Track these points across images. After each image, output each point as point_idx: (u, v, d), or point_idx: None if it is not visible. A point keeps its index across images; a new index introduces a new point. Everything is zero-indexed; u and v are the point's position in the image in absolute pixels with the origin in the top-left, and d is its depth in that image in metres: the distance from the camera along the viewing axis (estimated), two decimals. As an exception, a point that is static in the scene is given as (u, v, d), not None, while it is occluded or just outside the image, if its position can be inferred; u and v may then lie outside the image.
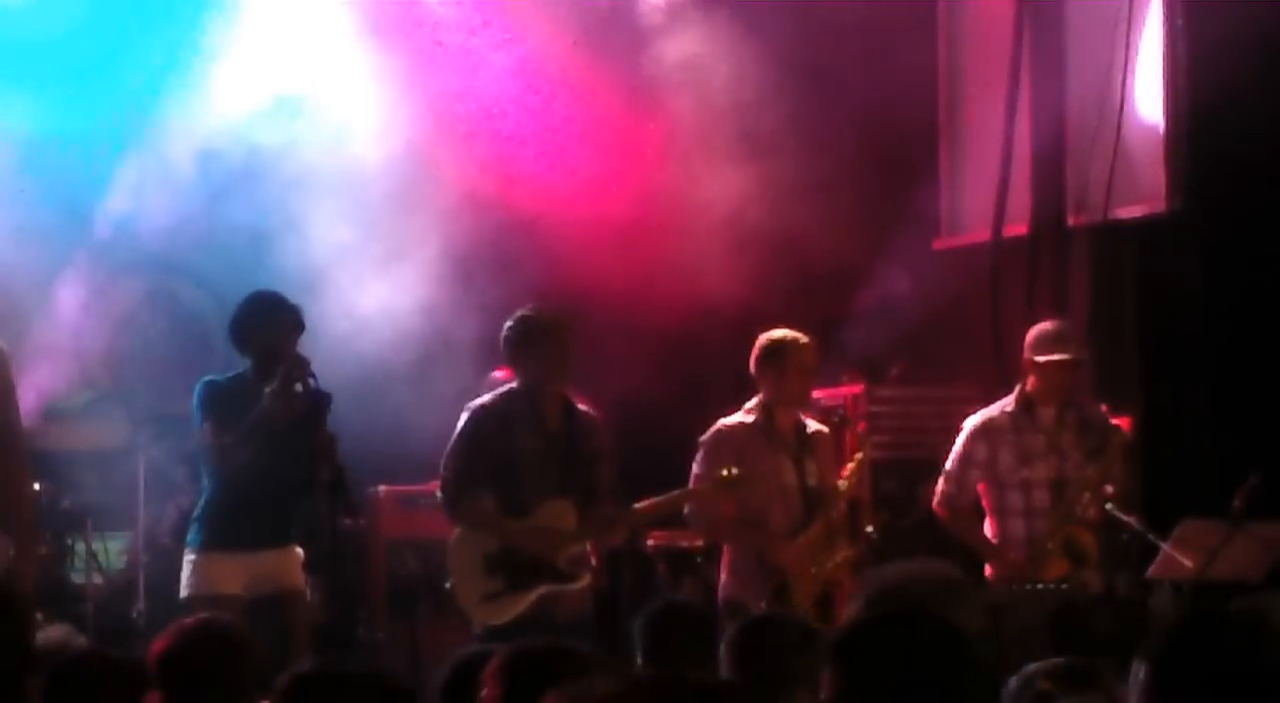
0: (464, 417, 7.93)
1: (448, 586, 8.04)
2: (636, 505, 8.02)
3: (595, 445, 7.99)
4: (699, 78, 10.28)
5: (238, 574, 7.63)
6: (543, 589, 7.80)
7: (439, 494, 8.01)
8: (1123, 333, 9.58)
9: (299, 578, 7.71)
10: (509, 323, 7.94)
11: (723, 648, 4.84)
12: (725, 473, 8.03)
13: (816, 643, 4.85)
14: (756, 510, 8.19)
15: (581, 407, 8.03)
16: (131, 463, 9.77)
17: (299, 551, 7.74)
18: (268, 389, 7.63)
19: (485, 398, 7.97)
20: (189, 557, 7.74)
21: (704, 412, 8.57)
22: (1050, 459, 8.12)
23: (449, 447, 7.90)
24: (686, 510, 8.36)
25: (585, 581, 7.94)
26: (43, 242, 10.61)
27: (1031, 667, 4.30)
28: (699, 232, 10.20)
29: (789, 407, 8.25)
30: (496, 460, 7.85)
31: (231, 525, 7.68)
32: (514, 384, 7.97)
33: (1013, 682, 4.27)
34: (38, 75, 10.18)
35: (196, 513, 7.82)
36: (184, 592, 7.70)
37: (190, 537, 7.79)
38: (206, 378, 8.00)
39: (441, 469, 7.94)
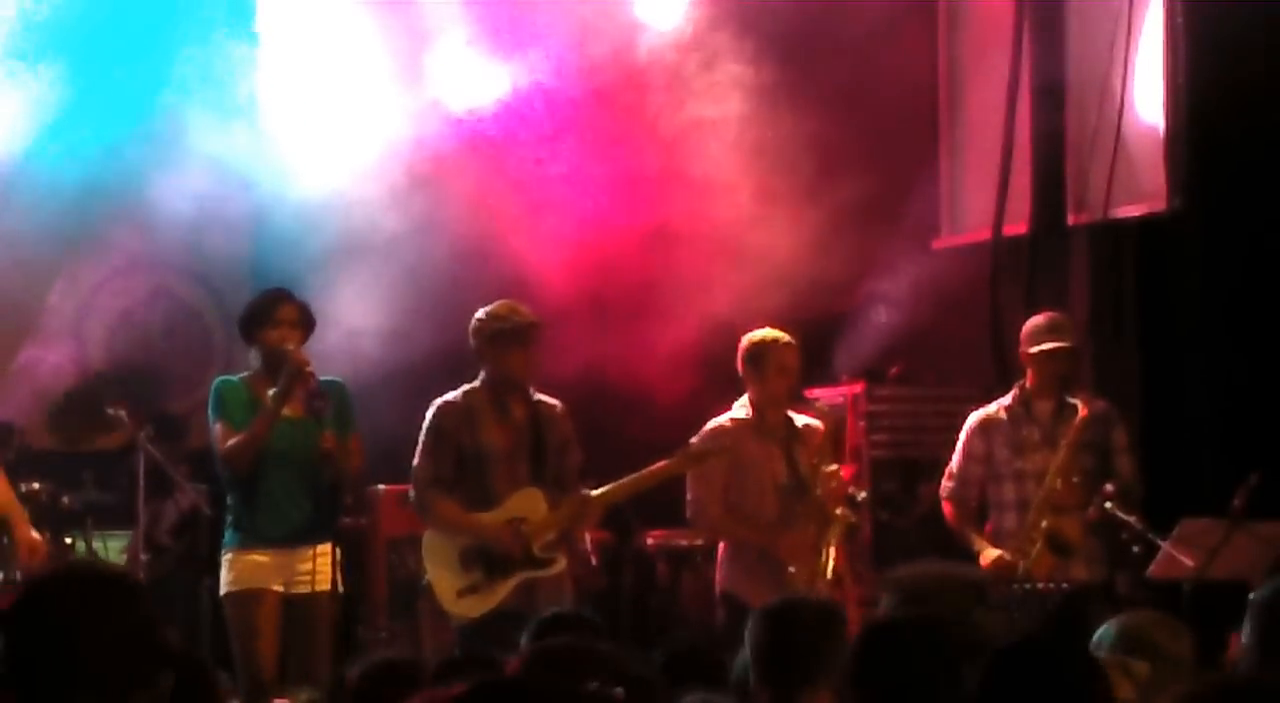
0: (428, 414, 7.97)
1: (424, 581, 8.06)
2: (599, 490, 8.03)
3: (562, 433, 8.02)
4: (699, 78, 10.29)
5: (274, 571, 7.65)
6: (521, 577, 7.82)
7: (410, 494, 8.04)
8: (1123, 333, 9.57)
9: (329, 577, 7.70)
10: (480, 316, 7.96)
11: (749, 628, 4.86)
12: (685, 450, 8.07)
13: (840, 625, 4.87)
14: (751, 504, 8.22)
15: (542, 396, 8.06)
16: (131, 463, 9.76)
17: (333, 547, 7.70)
18: (270, 391, 7.64)
19: (448, 395, 8.00)
20: (225, 557, 7.77)
21: (702, 414, 8.58)
22: (1044, 452, 8.14)
23: (417, 446, 7.93)
24: (689, 512, 8.39)
25: (561, 566, 7.96)
26: (44, 240, 10.63)
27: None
28: (698, 232, 10.21)
29: (773, 405, 8.27)
30: (463, 455, 7.88)
31: (265, 525, 7.70)
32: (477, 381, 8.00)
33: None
34: (38, 71, 10.19)
35: (229, 518, 7.85)
36: (223, 590, 7.76)
37: (226, 540, 7.82)
38: (220, 378, 8.02)
39: (412, 469, 7.96)
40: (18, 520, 8.02)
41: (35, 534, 8.03)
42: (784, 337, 8.27)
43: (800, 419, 8.39)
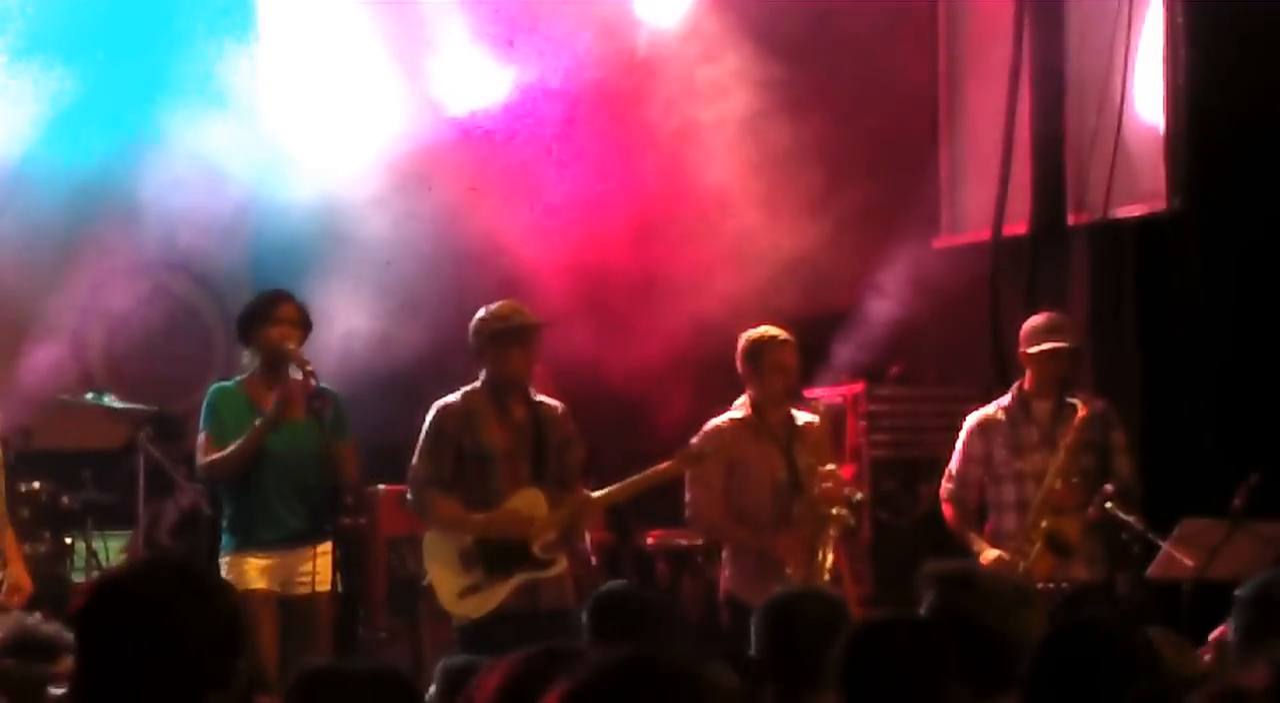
0: (428, 416, 7.97)
1: (425, 582, 8.07)
2: (599, 492, 8.04)
3: (563, 433, 8.02)
4: (700, 78, 10.29)
5: (273, 573, 7.65)
6: (521, 577, 7.82)
7: (408, 496, 8.04)
8: (1123, 333, 9.57)
9: (328, 578, 7.70)
10: (481, 315, 7.95)
11: (753, 626, 4.85)
12: (685, 451, 8.07)
13: (845, 622, 4.87)
14: (748, 504, 8.21)
15: (543, 397, 8.06)
16: (131, 463, 9.77)
17: (330, 547, 7.70)
18: (258, 421, 7.65)
19: (448, 397, 8.00)
20: (223, 561, 7.78)
21: (709, 412, 8.57)
22: (1043, 452, 8.14)
23: (417, 447, 7.93)
24: (688, 513, 8.38)
25: (562, 566, 7.96)
26: (44, 240, 10.63)
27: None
28: (698, 232, 10.21)
29: (772, 404, 8.26)
30: (464, 456, 7.88)
31: (262, 530, 7.71)
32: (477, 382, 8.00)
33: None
34: (38, 71, 10.19)
35: (225, 522, 7.85)
36: None
37: (224, 544, 7.83)
38: (215, 385, 8.03)
39: (410, 470, 7.96)
40: (12, 557, 7.92)
41: (26, 577, 7.91)
42: (781, 334, 8.26)
43: (803, 417, 8.37)
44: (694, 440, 8.25)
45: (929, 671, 4.03)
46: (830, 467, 8.19)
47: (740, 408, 8.30)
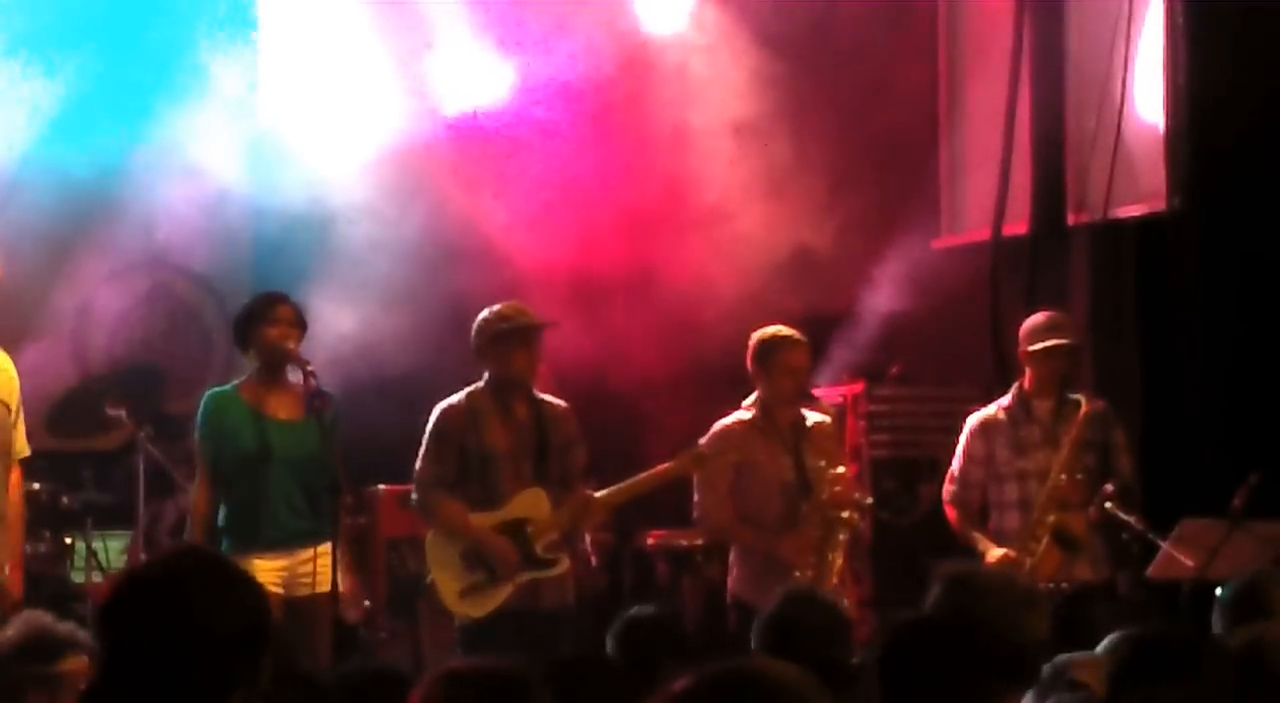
0: (432, 417, 7.96)
1: (427, 581, 8.06)
2: (602, 492, 8.04)
3: (567, 433, 8.02)
4: (700, 79, 10.30)
5: (274, 574, 7.63)
6: (524, 577, 7.82)
7: (413, 496, 8.03)
8: (1123, 333, 9.58)
9: (329, 578, 7.67)
10: (485, 316, 7.94)
11: (754, 632, 4.84)
12: (690, 452, 8.06)
13: (845, 630, 4.86)
14: (754, 505, 8.20)
15: (546, 396, 8.05)
16: (131, 463, 9.76)
17: (332, 547, 7.64)
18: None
19: (451, 398, 7.99)
20: None
21: (708, 413, 8.57)
22: (1046, 450, 8.14)
23: (421, 448, 7.93)
24: (695, 515, 8.37)
25: (565, 566, 7.95)
26: (44, 240, 10.63)
27: (1063, 657, 4.38)
28: (697, 232, 10.21)
29: (780, 404, 8.24)
30: (468, 456, 7.88)
31: (264, 530, 7.70)
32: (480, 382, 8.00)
33: (1045, 669, 4.35)
34: (38, 72, 10.20)
35: (221, 524, 7.83)
36: None
37: (225, 546, 7.79)
38: (211, 391, 8.02)
39: (415, 472, 7.96)
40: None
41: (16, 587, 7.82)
42: (793, 335, 8.23)
43: (813, 417, 8.35)
44: (702, 442, 8.23)
45: (966, 667, 4.01)
46: (840, 470, 8.17)
47: (749, 408, 8.28)
